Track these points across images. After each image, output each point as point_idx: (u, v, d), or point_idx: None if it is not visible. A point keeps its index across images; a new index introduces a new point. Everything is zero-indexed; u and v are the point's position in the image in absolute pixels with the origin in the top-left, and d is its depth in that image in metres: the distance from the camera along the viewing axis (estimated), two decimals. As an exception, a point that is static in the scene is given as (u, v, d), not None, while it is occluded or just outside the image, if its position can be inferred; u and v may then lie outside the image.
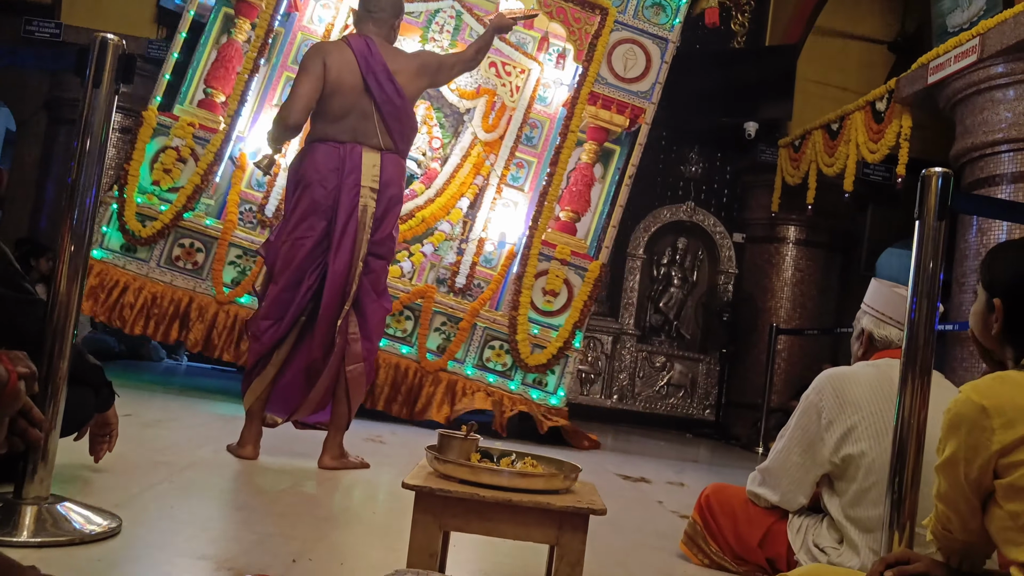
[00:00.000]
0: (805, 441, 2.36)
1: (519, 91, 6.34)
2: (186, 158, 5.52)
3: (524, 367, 5.57)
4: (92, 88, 2.10)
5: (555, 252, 5.73)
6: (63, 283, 2.08)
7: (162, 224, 5.37)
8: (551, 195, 5.79)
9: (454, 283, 6.02)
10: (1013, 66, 4.98)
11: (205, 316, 5.34)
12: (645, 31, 6.00)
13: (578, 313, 5.67)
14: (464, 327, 5.56)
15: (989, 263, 1.58)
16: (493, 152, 6.26)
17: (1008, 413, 1.35)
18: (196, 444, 3.46)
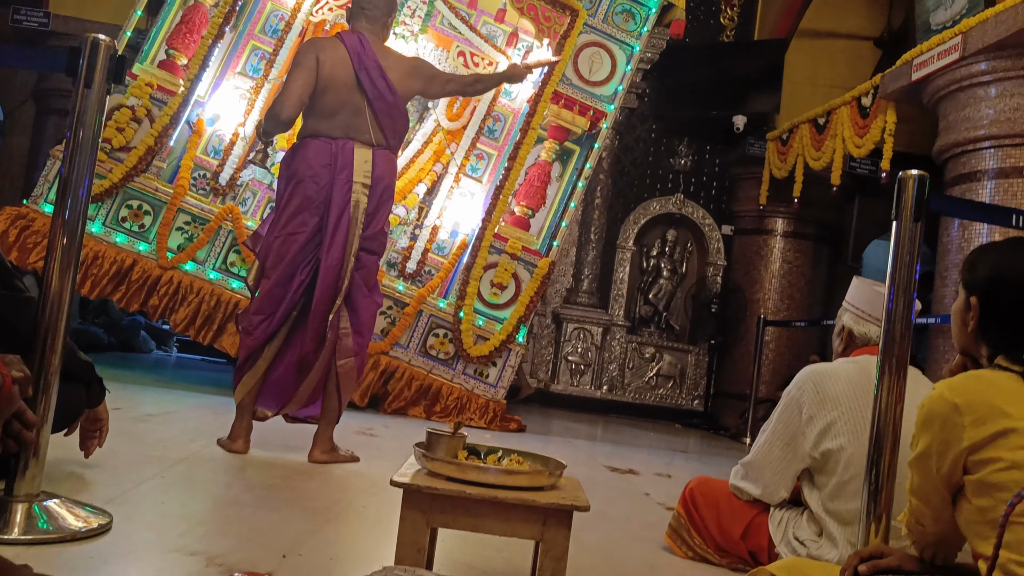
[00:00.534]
0: (787, 436, 2.41)
1: None
2: (141, 118, 5.44)
3: (466, 357, 5.62)
4: (83, 88, 2.12)
5: (506, 246, 5.79)
6: (55, 278, 2.10)
7: (110, 183, 5.29)
8: (507, 189, 5.84)
9: (404, 268, 6.01)
10: (994, 64, 5.03)
11: (147, 280, 5.32)
12: (613, 36, 6.05)
13: (523, 308, 5.74)
14: (409, 312, 5.61)
15: (971, 263, 1.61)
16: (455, 141, 6.23)
17: (979, 411, 1.39)
18: (187, 438, 3.49)
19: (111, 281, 5.29)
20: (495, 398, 5.66)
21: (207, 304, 5.37)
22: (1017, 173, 4.94)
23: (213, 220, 5.45)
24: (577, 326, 8.49)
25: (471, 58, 6.30)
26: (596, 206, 8.71)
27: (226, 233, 5.49)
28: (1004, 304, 1.49)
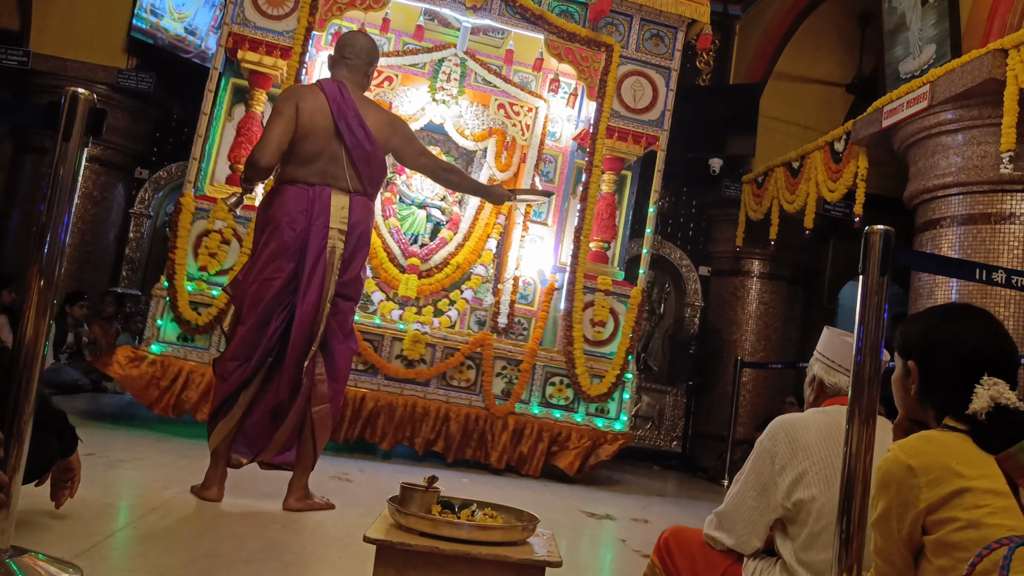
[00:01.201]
0: (759, 485, 2.42)
1: (530, 129, 6.56)
2: (229, 239, 5.52)
3: (587, 398, 5.83)
4: (62, 141, 2.14)
5: (597, 284, 5.99)
6: (30, 324, 2.10)
7: (217, 309, 5.37)
8: (586, 229, 6.01)
9: (496, 323, 6.24)
10: (961, 112, 5.16)
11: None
12: (648, 62, 6.24)
13: (627, 339, 5.95)
14: (525, 368, 5.80)
15: (902, 331, 1.68)
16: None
17: (934, 472, 1.42)
18: (160, 486, 3.45)
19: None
20: (621, 431, 5.88)
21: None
22: (985, 219, 5.04)
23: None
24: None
25: (511, 107, 6.55)
26: (574, 247, 8.77)
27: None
28: (941, 367, 1.55)
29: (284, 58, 5.64)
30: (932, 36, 5.56)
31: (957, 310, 1.68)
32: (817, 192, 6.95)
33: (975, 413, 1.49)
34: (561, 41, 6.01)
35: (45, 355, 2.20)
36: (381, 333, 5.69)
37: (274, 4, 5.71)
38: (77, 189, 2.23)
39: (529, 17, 5.97)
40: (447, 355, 5.72)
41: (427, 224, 6.58)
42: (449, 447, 5.56)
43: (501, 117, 6.50)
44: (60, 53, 8.71)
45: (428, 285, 6.29)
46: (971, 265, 2.16)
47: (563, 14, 6.08)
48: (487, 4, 5.95)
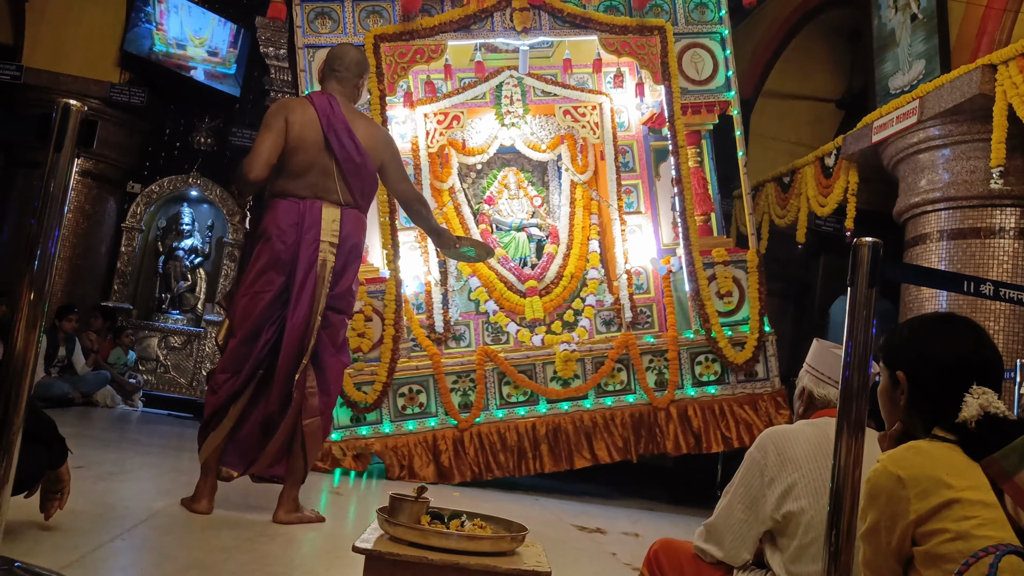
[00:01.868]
0: (748, 498, 2.43)
1: (599, 126, 6.56)
2: (371, 316, 5.60)
3: (735, 367, 5.93)
4: (53, 152, 2.14)
5: (713, 257, 6.05)
6: (21, 335, 2.09)
7: (381, 383, 5.51)
8: (689, 209, 6.07)
9: (622, 319, 6.29)
10: (950, 128, 5.21)
11: (449, 443, 5.60)
12: (701, 32, 6.30)
13: (756, 302, 6.04)
14: (672, 357, 5.91)
15: (887, 342, 1.68)
16: (593, 188, 6.52)
17: (923, 483, 1.43)
18: (150, 498, 3.44)
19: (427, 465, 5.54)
20: (774, 388, 6.00)
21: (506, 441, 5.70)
22: (974, 234, 5.08)
23: (477, 367, 5.73)
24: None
25: (576, 111, 6.57)
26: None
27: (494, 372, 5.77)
28: (929, 377, 1.56)
29: None
30: (921, 52, 5.61)
31: (940, 319, 1.69)
32: (808, 207, 6.99)
33: (965, 422, 1.50)
34: (614, 36, 6.08)
35: (35, 368, 2.20)
36: (532, 362, 5.85)
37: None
38: (68, 201, 2.24)
39: (578, 23, 6.06)
40: (597, 365, 5.86)
41: (530, 244, 6.62)
42: (626, 448, 5.79)
43: (568, 122, 6.54)
44: (53, 67, 8.73)
45: (551, 302, 6.35)
46: (959, 277, 2.17)
47: (609, 10, 6.15)
48: (536, 22, 6.03)
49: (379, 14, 5.89)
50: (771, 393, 5.98)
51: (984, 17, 5.18)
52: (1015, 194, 4.99)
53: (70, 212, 8.14)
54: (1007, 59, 4.73)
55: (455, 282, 6.22)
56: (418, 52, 5.85)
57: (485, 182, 6.71)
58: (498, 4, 5.97)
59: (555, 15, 6.03)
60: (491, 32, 5.99)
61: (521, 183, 6.65)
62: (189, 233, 10.02)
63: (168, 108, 10.01)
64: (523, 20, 5.94)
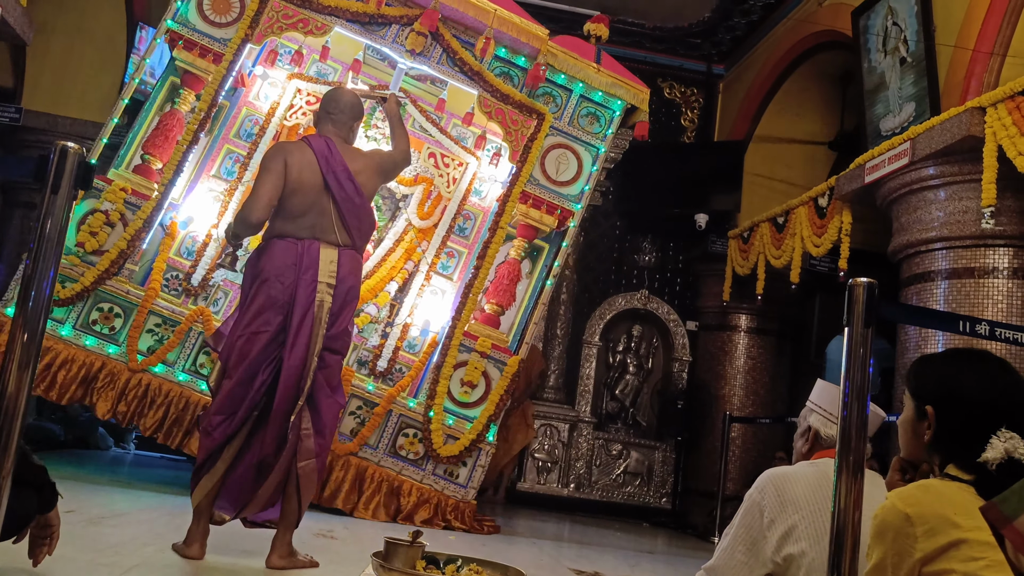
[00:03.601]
0: (749, 540, 2.40)
1: (456, 183, 6.44)
2: (115, 222, 5.44)
3: (436, 458, 5.54)
4: (50, 194, 2.15)
5: (476, 344, 5.75)
6: (12, 376, 2.07)
7: (82, 287, 5.27)
8: (476, 287, 5.85)
9: (375, 366, 6.00)
10: (942, 169, 5.25)
11: (116, 383, 5.26)
12: (579, 138, 6.18)
13: (493, 407, 5.68)
14: (379, 412, 5.53)
15: (917, 372, 1.66)
16: (426, 239, 6.32)
17: (930, 522, 1.41)
18: (141, 543, 3.39)
19: (80, 385, 5.22)
20: (466, 498, 5.56)
21: (176, 407, 5.30)
22: (969, 274, 5.09)
23: (184, 322, 5.42)
24: (544, 422, 8.46)
25: (441, 159, 6.46)
26: (562, 301, 8.80)
27: (196, 335, 5.46)
28: (957, 416, 1.54)
29: (216, 63, 5.66)
30: (911, 94, 5.68)
31: (975, 357, 1.66)
32: (803, 247, 7.02)
33: (986, 462, 1.48)
34: (495, 100, 5.97)
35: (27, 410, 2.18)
36: None
37: (219, 12, 5.76)
38: (64, 243, 2.24)
39: (467, 72, 5.96)
40: None
41: None
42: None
43: (430, 166, 6.41)
44: (52, 109, 8.78)
45: None
46: (954, 317, 2.18)
47: (502, 75, 6.07)
48: (428, 51, 5.94)
49: None
50: (458, 501, 5.54)
51: (972, 60, 5.26)
52: (1008, 234, 5.02)
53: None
54: (996, 101, 4.79)
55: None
56: (303, 20, 5.77)
57: None
58: (400, 18, 5.90)
59: (449, 53, 5.95)
60: (382, 39, 5.91)
61: None
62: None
63: (166, 150, 10.07)
64: (416, 43, 5.87)
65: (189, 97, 5.83)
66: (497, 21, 5.89)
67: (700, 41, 9.41)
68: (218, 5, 5.78)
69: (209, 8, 5.76)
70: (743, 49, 9.28)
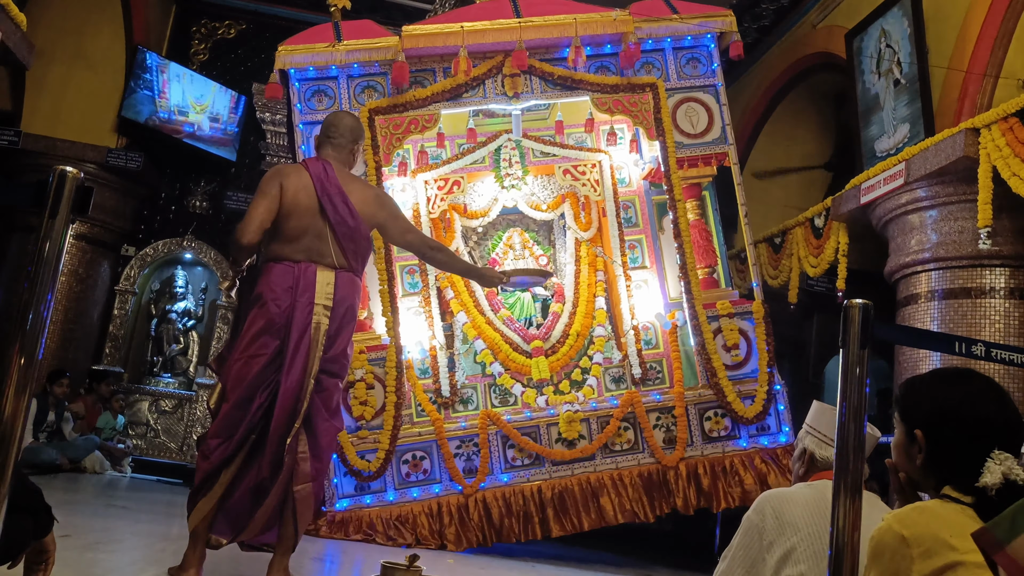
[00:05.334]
0: (747, 562, 2.39)
1: (600, 183, 6.55)
2: (373, 384, 5.60)
3: (745, 421, 5.75)
4: (48, 218, 2.15)
5: (718, 310, 5.94)
6: (9, 401, 2.06)
7: (384, 451, 5.48)
8: (690, 263, 5.97)
9: (632, 375, 6.16)
10: (937, 189, 5.28)
11: (453, 510, 5.53)
12: (694, 86, 6.28)
13: (765, 354, 5.88)
14: (679, 413, 5.77)
15: (905, 395, 1.66)
16: (597, 245, 6.46)
17: (926, 543, 1.41)
18: (137, 568, 3.37)
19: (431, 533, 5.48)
20: (785, 442, 5.79)
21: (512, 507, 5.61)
22: (965, 294, 5.11)
23: (480, 431, 5.69)
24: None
25: (575, 170, 6.56)
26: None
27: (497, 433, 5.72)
28: (948, 438, 1.54)
29: None
30: (905, 116, 5.72)
31: (961, 376, 1.66)
32: (800, 267, 7.04)
33: (986, 487, 1.48)
34: (606, 96, 6.09)
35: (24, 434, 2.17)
36: (536, 424, 5.77)
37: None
38: (61, 266, 2.24)
39: (569, 84, 6.08)
40: (603, 424, 5.76)
41: (535, 304, 6.55)
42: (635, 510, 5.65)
43: (569, 181, 6.54)
44: (51, 133, 8.83)
45: (557, 362, 6.23)
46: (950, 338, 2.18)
47: (599, 70, 6.17)
48: (527, 87, 6.07)
49: (373, 88, 6.00)
50: (784, 447, 5.82)
51: (965, 82, 5.30)
52: (1003, 254, 5.04)
53: (63, 275, 8.14)
54: (989, 123, 4.83)
55: (460, 345, 6.16)
56: (412, 123, 5.92)
57: (490, 243, 6.70)
58: (489, 72, 6.03)
59: (546, 78, 6.07)
60: (483, 99, 6.06)
61: (526, 243, 6.62)
62: (183, 296, 10.01)
63: (164, 172, 10.11)
64: (514, 85, 6.00)
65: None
66: (581, 28, 6.01)
67: (696, 63, 9.47)
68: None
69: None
70: (738, 71, 9.34)
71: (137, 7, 9.08)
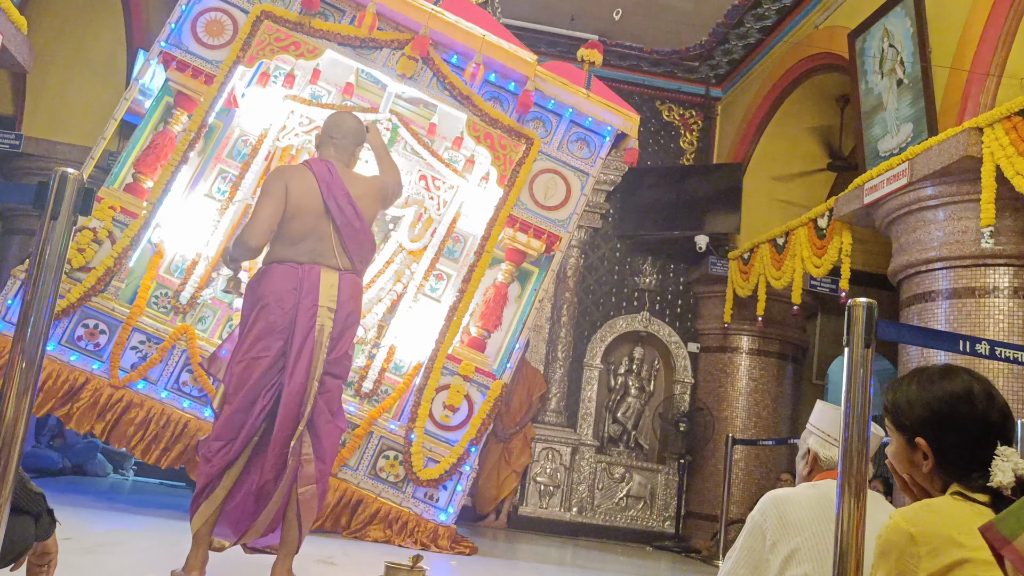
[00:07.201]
0: (751, 563, 2.38)
1: (446, 205, 6.43)
2: (102, 240, 5.46)
3: (416, 480, 5.46)
4: (49, 220, 2.15)
5: (459, 368, 5.70)
6: (11, 403, 2.06)
7: (67, 303, 5.27)
8: (460, 310, 5.80)
9: (361, 387, 5.97)
10: (941, 189, 5.26)
11: (98, 399, 5.25)
12: (568, 163, 6.15)
13: (475, 431, 5.61)
14: (360, 433, 5.47)
15: (893, 402, 1.64)
16: (415, 261, 6.32)
17: (934, 541, 1.40)
18: (139, 571, 3.36)
19: (61, 400, 5.22)
20: (445, 522, 5.49)
21: (156, 424, 5.28)
22: (969, 293, 5.09)
23: (167, 339, 5.42)
24: (546, 446, 8.42)
25: (432, 181, 6.48)
26: (563, 324, 8.79)
27: (180, 352, 5.45)
28: (952, 442, 1.53)
29: (208, 84, 5.69)
30: (908, 115, 5.71)
31: (944, 375, 1.65)
32: (803, 268, 7.02)
33: (1000, 488, 1.47)
34: (484, 124, 5.95)
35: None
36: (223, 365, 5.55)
37: (211, 34, 5.81)
38: (63, 269, 2.24)
39: (456, 96, 5.95)
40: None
41: None
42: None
43: (421, 189, 6.42)
44: (51, 136, 8.83)
45: None
46: (954, 337, 2.17)
47: (492, 99, 6.06)
48: (418, 75, 5.95)
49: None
50: (437, 524, 5.45)
51: (968, 81, 5.29)
52: (1007, 253, 5.02)
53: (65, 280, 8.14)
54: (993, 122, 4.81)
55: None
56: (294, 44, 5.81)
57: None
58: (391, 42, 5.92)
59: (439, 78, 5.96)
60: (372, 63, 5.93)
61: None
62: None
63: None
64: (407, 67, 5.88)
65: (181, 117, 5.85)
66: (486, 47, 5.89)
67: (698, 64, 9.48)
68: (212, 27, 5.84)
69: (203, 30, 5.82)
70: (740, 72, 9.34)
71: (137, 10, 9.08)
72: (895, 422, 1.62)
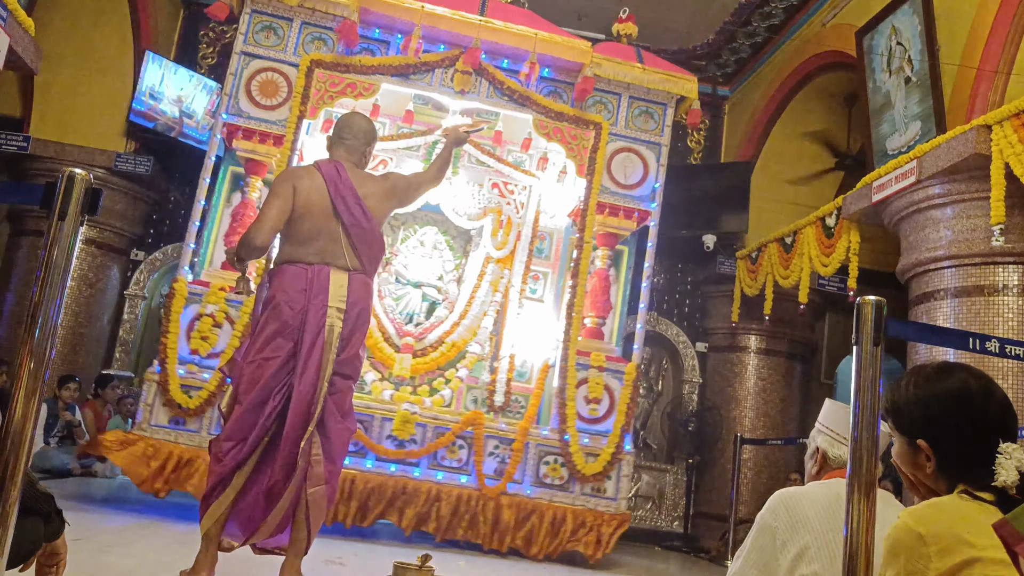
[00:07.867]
0: (760, 562, 2.37)
1: (524, 207, 6.56)
2: (221, 323, 5.54)
3: (581, 478, 5.63)
4: (57, 221, 2.15)
5: (591, 360, 5.85)
6: (19, 404, 2.06)
7: (208, 393, 5.38)
8: (577, 305, 5.92)
9: (493, 402, 6.12)
10: (949, 187, 5.24)
11: None
12: (638, 139, 6.26)
13: (623, 416, 5.78)
14: (517, 448, 5.64)
15: (893, 403, 1.63)
16: (506, 267, 6.44)
17: (943, 540, 1.39)
18: (149, 571, 3.37)
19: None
20: (618, 511, 5.65)
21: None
22: (978, 292, 5.07)
23: None
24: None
25: (505, 186, 6.58)
26: (570, 324, 8.77)
27: None
28: (953, 442, 1.52)
29: (277, 145, 5.76)
30: (917, 113, 5.68)
31: (941, 373, 1.64)
32: (811, 267, 7.00)
33: (1005, 487, 1.46)
34: (549, 120, 6.05)
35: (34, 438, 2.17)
36: (371, 413, 5.62)
37: (267, 95, 5.86)
38: (71, 270, 2.24)
39: (516, 99, 6.04)
40: (438, 435, 5.61)
41: (422, 303, 6.54)
42: (439, 527, 5.40)
43: (496, 196, 6.54)
44: (59, 138, 8.85)
45: (423, 364, 6.22)
46: (964, 335, 2.16)
47: (551, 94, 6.14)
48: (475, 87, 6.02)
49: (323, 41, 5.98)
50: (613, 515, 5.58)
51: (977, 78, 5.26)
52: (1017, 251, 4.99)
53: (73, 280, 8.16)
54: (1002, 119, 4.78)
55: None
56: (350, 85, 5.89)
57: (403, 233, 6.66)
58: (441, 61, 5.99)
59: (496, 85, 6.03)
60: (428, 86, 6.00)
61: (438, 245, 6.61)
62: (192, 300, 10.02)
63: (173, 176, 10.12)
64: (463, 82, 5.95)
65: (256, 183, 5.93)
66: (540, 45, 5.96)
67: (705, 63, 9.45)
68: (266, 88, 5.90)
69: (258, 92, 5.87)
70: (748, 71, 9.31)
71: (144, 11, 9.10)
72: (895, 424, 1.61)
